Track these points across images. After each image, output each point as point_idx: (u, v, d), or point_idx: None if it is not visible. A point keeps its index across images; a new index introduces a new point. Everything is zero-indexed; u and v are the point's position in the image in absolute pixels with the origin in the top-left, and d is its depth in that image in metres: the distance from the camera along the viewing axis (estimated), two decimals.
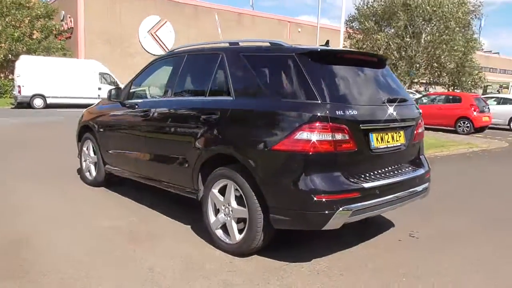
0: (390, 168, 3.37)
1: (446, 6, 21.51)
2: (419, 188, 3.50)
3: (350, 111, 2.98)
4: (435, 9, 21.35)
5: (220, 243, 3.44)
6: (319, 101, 2.92)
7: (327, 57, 3.21)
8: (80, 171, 5.77)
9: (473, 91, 24.13)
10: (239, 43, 3.78)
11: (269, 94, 3.20)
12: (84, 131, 5.48)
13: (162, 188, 4.28)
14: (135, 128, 4.49)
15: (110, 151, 4.94)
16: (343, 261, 3.29)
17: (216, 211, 3.53)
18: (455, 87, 24.16)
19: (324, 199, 2.85)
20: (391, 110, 3.27)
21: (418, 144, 3.74)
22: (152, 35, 31.53)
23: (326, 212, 2.85)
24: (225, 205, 3.40)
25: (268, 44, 3.51)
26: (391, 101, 3.34)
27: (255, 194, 3.10)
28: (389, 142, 3.32)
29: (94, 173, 5.32)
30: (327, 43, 3.76)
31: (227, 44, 3.83)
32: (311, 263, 3.23)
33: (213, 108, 3.52)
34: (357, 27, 25.18)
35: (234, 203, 3.32)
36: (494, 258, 3.50)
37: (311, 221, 2.94)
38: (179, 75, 4.08)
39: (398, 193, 3.25)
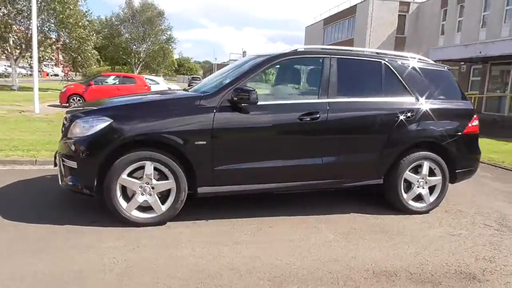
0: None
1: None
2: None
3: None
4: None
5: (415, 210, 4.59)
6: (470, 101, 4.91)
7: None
8: (113, 211, 3.79)
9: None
10: (387, 53, 4.72)
11: (442, 97, 4.71)
12: (124, 149, 3.74)
13: (310, 189, 4.45)
14: (289, 133, 4.12)
15: (221, 167, 3.97)
16: None
17: (405, 188, 4.59)
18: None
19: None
20: None
21: None
22: None
23: (479, 166, 5.00)
24: (419, 180, 4.59)
25: (424, 59, 4.84)
26: None
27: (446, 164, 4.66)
28: None
29: (162, 206, 3.90)
30: None
31: (376, 53, 4.65)
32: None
33: (407, 107, 4.46)
34: None
35: (427, 177, 4.63)
36: None
37: (474, 173, 4.94)
38: (338, 76, 4.31)
39: None
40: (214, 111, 3.86)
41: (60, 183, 3.92)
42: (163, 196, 3.88)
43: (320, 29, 37.02)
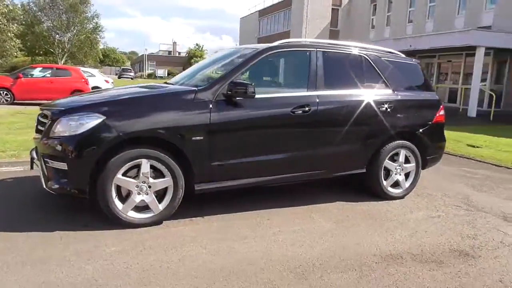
0: None
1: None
2: None
3: None
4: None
5: (393, 195, 4.89)
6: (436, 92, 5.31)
7: None
8: (109, 213, 3.59)
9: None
10: (372, 48, 4.93)
11: (413, 88, 5.05)
12: (118, 147, 3.56)
13: (301, 180, 4.55)
14: (284, 126, 4.17)
15: (218, 163, 3.93)
16: None
17: (385, 176, 4.88)
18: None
19: None
20: None
21: None
22: None
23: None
24: (397, 168, 4.90)
25: (396, 52, 5.10)
26: None
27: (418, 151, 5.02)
28: None
29: (159, 205, 3.79)
30: None
31: (356, 47, 4.84)
32: None
33: (386, 99, 4.71)
34: None
35: (403, 164, 4.95)
36: None
37: (440, 159, 5.36)
38: (324, 69, 4.41)
39: None
40: (210, 105, 3.79)
41: (45, 186, 3.62)
42: (159, 195, 3.75)
43: (255, 21, 37.27)
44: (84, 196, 3.53)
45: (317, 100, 4.27)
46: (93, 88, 16.68)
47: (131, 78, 50.07)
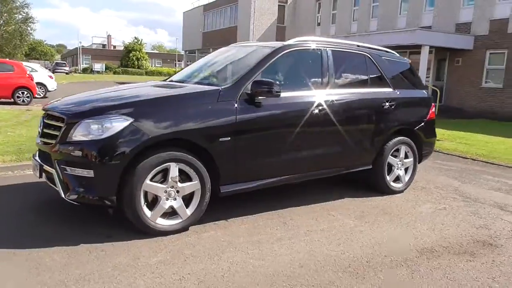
0: None
1: None
2: None
3: None
4: None
5: (395, 190, 5.09)
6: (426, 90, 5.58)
7: None
8: (135, 219, 3.37)
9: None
10: (371, 47, 5.05)
11: (409, 86, 5.26)
12: (146, 151, 3.35)
13: (315, 177, 4.55)
14: (305, 125, 4.14)
15: (244, 163, 3.85)
16: None
17: (387, 171, 5.06)
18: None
19: None
20: None
21: None
22: None
23: None
24: (398, 163, 5.10)
25: (392, 51, 5.26)
26: None
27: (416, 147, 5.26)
28: None
29: (187, 210, 3.65)
30: None
31: (357, 46, 4.95)
32: None
33: (388, 97, 4.86)
34: None
35: (403, 159, 5.17)
36: None
37: (431, 154, 5.64)
38: (334, 67, 4.45)
39: None
40: (235, 105, 3.69)
41: (63, 196, 3.31)
42: (185, 199, 3.59)
43: (200, 15, 36.68)
44: (110, 204, 3.28)
45: (333, 99, 4.30)
46: (37, 84, 15.52)
47: (66, 73, 47.22)
